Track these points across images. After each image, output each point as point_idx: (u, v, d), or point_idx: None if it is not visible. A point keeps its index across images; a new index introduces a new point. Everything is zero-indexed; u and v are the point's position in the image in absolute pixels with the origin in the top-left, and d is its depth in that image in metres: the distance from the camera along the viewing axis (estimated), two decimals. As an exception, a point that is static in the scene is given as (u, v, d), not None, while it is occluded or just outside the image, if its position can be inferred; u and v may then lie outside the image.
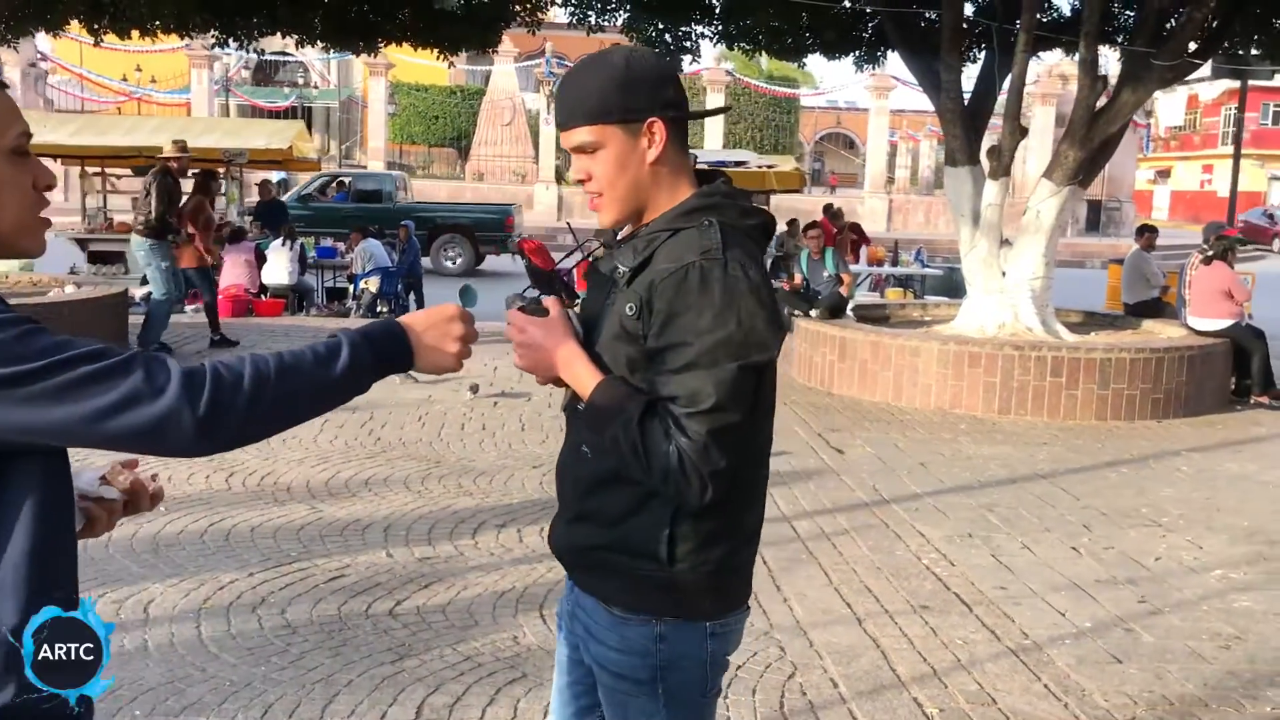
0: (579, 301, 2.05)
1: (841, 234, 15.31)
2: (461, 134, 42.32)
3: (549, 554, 5.20)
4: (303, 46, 12.62)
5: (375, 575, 4.95)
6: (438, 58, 12.87)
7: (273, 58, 40.56)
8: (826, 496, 6.53)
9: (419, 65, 32.26)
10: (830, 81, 59.26)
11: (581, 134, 1.91)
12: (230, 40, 11.24)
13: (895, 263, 16.60)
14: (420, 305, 15.37)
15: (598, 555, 1.97)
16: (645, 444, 1.81)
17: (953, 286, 14.61)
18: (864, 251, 16.11)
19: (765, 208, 2.15)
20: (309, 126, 44.40)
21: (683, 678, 1.98)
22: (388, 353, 1.62)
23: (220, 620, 4.40)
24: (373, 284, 14.05)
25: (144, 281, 14.49)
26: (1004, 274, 9.99)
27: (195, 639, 4.23)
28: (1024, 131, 10.03)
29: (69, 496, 1.53)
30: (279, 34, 12.17)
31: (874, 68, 13.61)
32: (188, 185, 11.02)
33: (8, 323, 1.36)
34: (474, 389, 8.86)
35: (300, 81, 47.41)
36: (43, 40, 31.45)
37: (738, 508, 1.98)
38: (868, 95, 38.46)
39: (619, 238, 2.05)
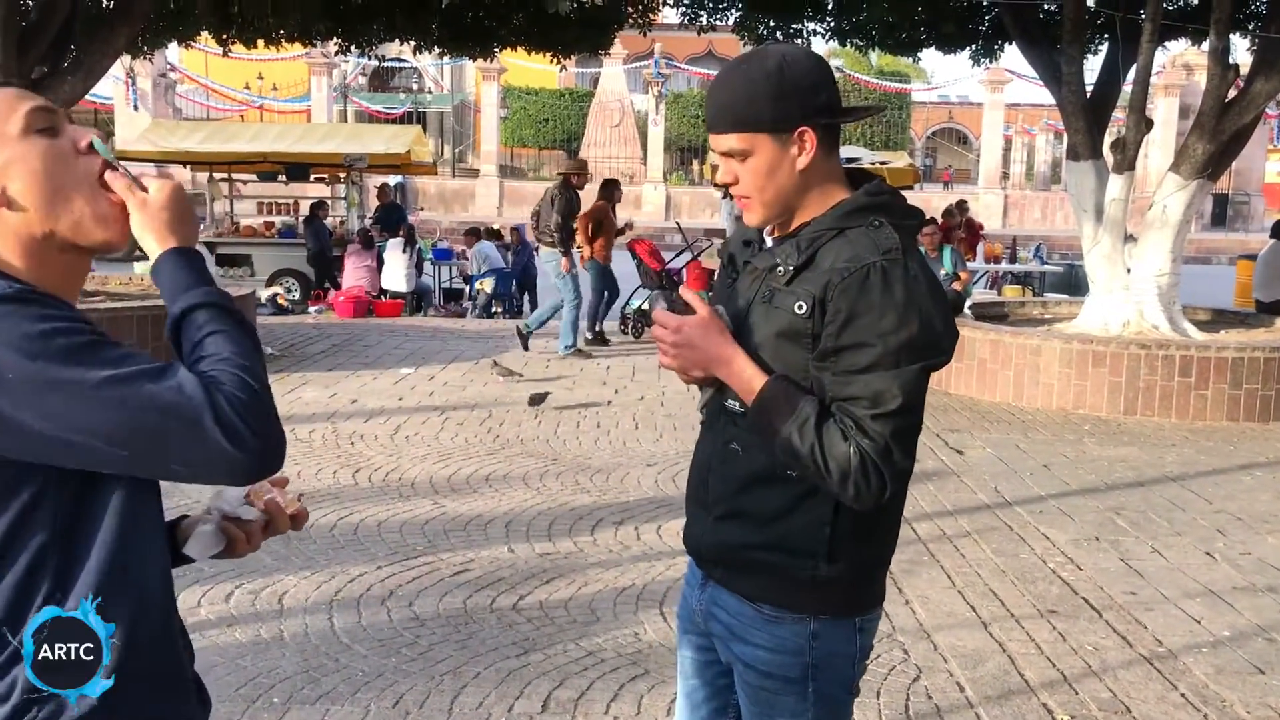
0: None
1: (955, 231, 15.02)
2: (571, 136, 42.68)
3: (667, 551, 5.27)
4: (420, 52, 12.89)
5: (498, 570, 5.04)
6: (551, 61, 13.02)
7: (389, 64, 41.49)
8: (947, 498, 6.43)
9: (530, 69, 32.67)
10: (942, 76, 58.16)
11: (730, 140, 1.91)
12: (352, 47, 11.56)
13: (1013, 260, 16.24)
14: (534, 306, 15.57)
15: (750, 554, 1.95)
16: (823, 444, 1.79)
17: (1073, 284, 14.25)
18: (980, 248, 15.79)
19: (918, 207, 2.13)
20: (424, 131, 45.39)
21: (832, 675, 1.97)
22: (198, 271, 1.51)
23: (351, 612, 4.53)
24: (488, 285, 14.30)
25: (269, 284, 15.02)
26: (1129, 271, 9.70)
27: (328, 630, 4.36)
28: (1149, 124, 9.73)
29: (154, 524, 1.48)
30: (397, 40, 12.44)
31: (991, 61, 13.34)
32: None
33: (72, 330, 1.32)
34: (535, 399, 8.49)
35: (415, 87, 48.36)
36: (172, 52, 32.69)
37: (892, 503, 1.98)
38: (981, 89, 37.68)
39: (774, 235, 2.03)
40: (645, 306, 12.29)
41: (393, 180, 24.86)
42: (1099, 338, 9.19)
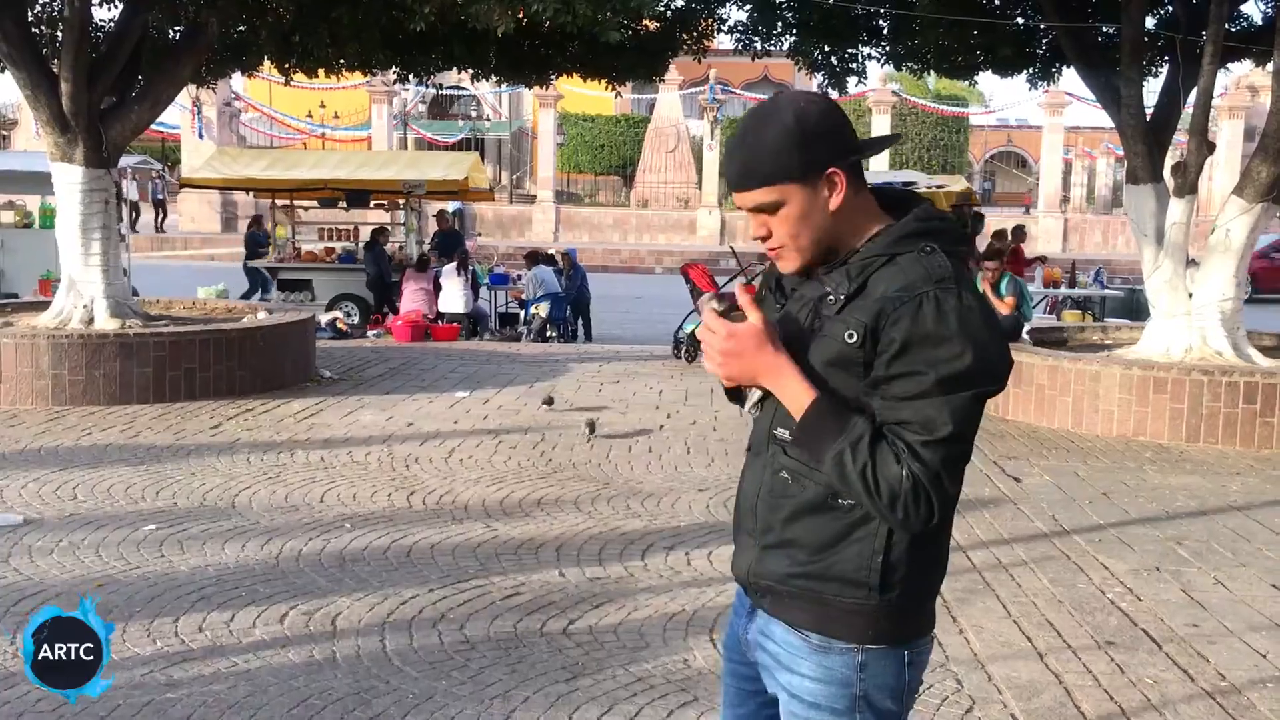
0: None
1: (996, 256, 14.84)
2: (627, 161, 42.92)
3: (718, 577, 5.25)
4: (478, 81, 13.06)
5: (549, 594, 5.05)
6: (606, 88, 13.11)
7: (448, 92, 42.02)
8: (1004, 526, 6.34)
9: (586, 95, 32.90)
10: (1001, 99, 57.60)
11: (759, 195, 1.90)
12: (410, 76, 11.74)
13: (1073, 284, 16.02)
14: (588, 329, 15.64)
15: (800, 583, 1.94)
16: (876, 464, 1.79)
17: (1134, 308, 14.04)
18: (1039, 273, 15.60)
19: (967, 233, 2.12)
20: (483, 158, 45.87)
21: (881, 707, 1.96)
22: None
23: (403, 634, 4.56)
24: (543, 309, 14.39)
25: (329, 308, 15.25)
26: (1191, 295, 9.53)
27: (380, 652, 4.39)
28: (1211, 147, 9.57)
29: None
30: (455, 69, 12.61)
31: (1048, 84, 13.21)
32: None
33: None
34: (591, 426, 8.41)
35: (473, 115, 48.93)
36: (236, 81, 33.38)
37: (941, 532, 1.97)
38: (1040, 112, 37.32)
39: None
40: (699, 305, 12.29)
41: (451, 206, 25.14)
42: (1160, 363, 9.03)
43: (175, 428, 8.30)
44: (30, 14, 10.40)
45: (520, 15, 8.24)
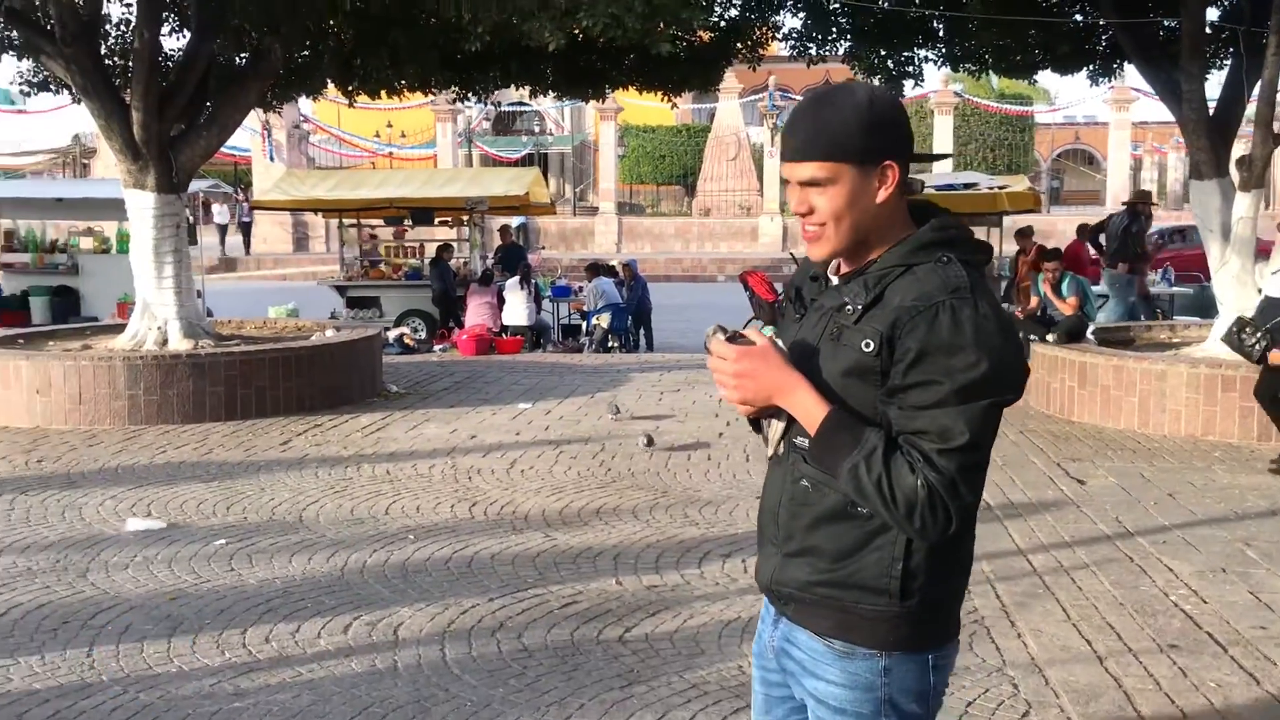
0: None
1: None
2: (688, 171, 42.96)
3: (774, 585, 5.24)
4: (536, 97, 13.22)
5: (606, 602, 5.11)
6: (662, 99, 13.20)
7: (511, 109, 42.44)
8: (1065, 529, 6.28)
9: (646, 107, 33.02)
10: (1067, 96, 56.72)
11: (813, 168, 1.92)
12: (469, 95, 11.93)
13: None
14: (650, 339, 15.73)
15: (822, 590, 1.96)
16: (891, 475, 1.81)
17: (1204, 306, 13.75)
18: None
19: (986, 240, 2.14)
20: (545, 172, 46.17)
21: (906, 710, 1.98)
22: None
23: (463, 643, 4.65)
24: (604, 320, 14.49)
25: (397, 324, 15.51)
26: (1260, 291, 9.32)
27: (440, 660, 4.49)
28: (1278, 140, 9.37)
29: None
30: (513, 86, 12.78)
31: (1110, 81, 13.03)
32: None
33: None
34: (649, 441, 8.36)
35: (536, 130, 49.34)
36: (305, 104, 34.08)
37: (962, 540, 1.98)
38: (1107, 108, 36.69)
39: (840, 273, 2.04)
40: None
41: (515, 221, 25.41)
42: (1229, 361, 8.85)
43: (246, 444, 8.52)
44: (103, 46, 10.76)
45: (573, 31, 8.33)
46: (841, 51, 12.82)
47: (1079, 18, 11.62)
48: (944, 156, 3.53)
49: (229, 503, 6.82)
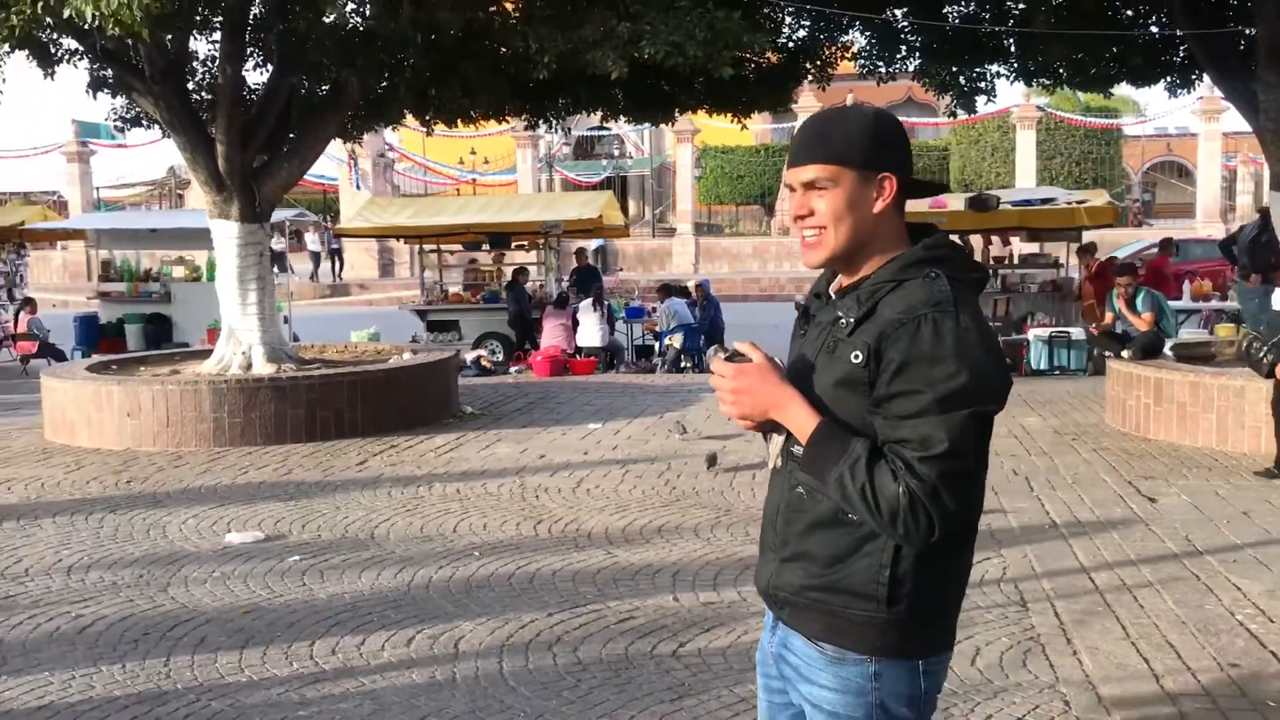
0: None
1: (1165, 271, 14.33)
2: (766, 191, 42.97)
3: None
4: (607, 122, 13.41)
5: (662, 618, 5.19)
6: (731, 121, 13.30)
7: (590, 133, 42.89)
8: (1131, 547, 6.19)
9: (725, 128, 33.14)
10: (1157, 107, 55.38)
11: (816, 170, 2.03)
12: (540, 122, 12.17)
13: (1225, 296, 15.36)
14: (724, 360, 15.76)
15: (813, 595, 2.04)
16: (874, 484, 1.89)
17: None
18: (1186, 287, 15.03)
19: (981, 262, 2.20)
20: (625, 195, 46.52)
21: (898, 714, 2.04)
22: None
23: (520, 656, 4.77)
24: (676, 340, 14.60)
25: (474, 346, 15.80)
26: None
27: (497, 673, 4.61)
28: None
29: None
30: (585, 112, 12.99)
31: (1188, 91, 12.80)
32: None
33: None
34: (711, 460, 8.27)
35: (616, 153, 49.78)
36: (390, 133, 34.87)
37: (955, 550, 2.04)
38: (1196, 120, 35.85)
39: (835, 289, 2.15)
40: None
41: (594, 244, 25.65)
42: (1312, 376, 8.62)
43: (324, 465, 8.78)
44: (190, 82, 11.22)
45: (636, 58, 8.48)
46: (911, 69, 12.79)
47: (1154, 29, 11.45)
48: (944, 188, 3.55)
49: (305, 521, 7.05)
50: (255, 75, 12.08)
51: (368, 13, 10.08)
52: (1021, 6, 11.36)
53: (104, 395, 9.71)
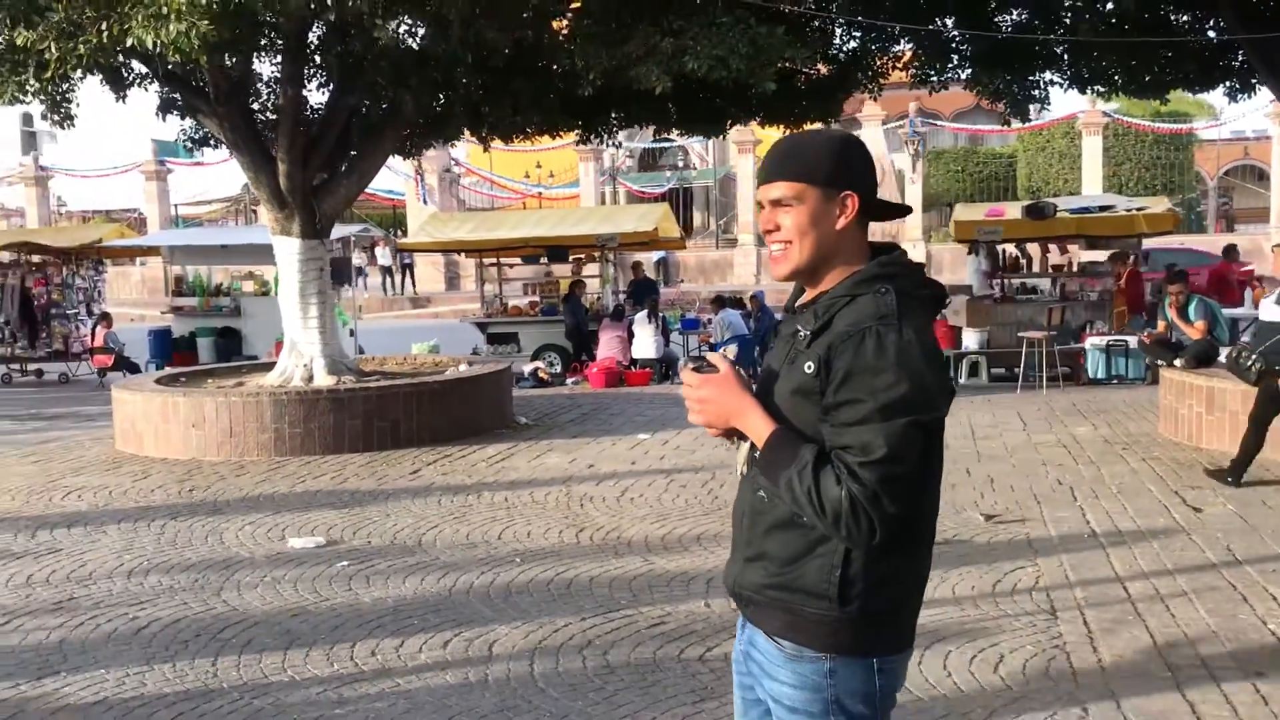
0: None
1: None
2: (834, 200, 42.85)
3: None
4: (660, 135, 13.56)
5: (692, 624, 5.30)
6: (783, 132, 13.36)
7: (652, 145, 43.08)
8: (1169, 557, 6.17)
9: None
10: (1232, 110, 54.16)
11: (783, 187, 2.17)
12: (592, 137, 12.37)
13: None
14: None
15: (772, 593, 2.15)
16: (819, 488, 2.00)
17: None
18: (1249, 295, 14.76)
19: (938, 280, 2.30)
20: (690, 207, 46.65)
21: (854, 711, 2.14)
22: None
23: (551, 659, 4.91)
24: (731, 351, 14.61)
25: (533, 359, 16.03)
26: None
27: (527, 674, 4.76)
28: None
29: None
30: (638, 126, 13.16)
31: (1249, 96, 12.60)
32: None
33: None
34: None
35: (680, 165, 49.93)
36: (456, 149, 35.44)
37: (906, 555, 2.14)
38: (1269, 123, 35.02)
39: (797, 304, 2.28)
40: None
41: (655, 255, 25.83)
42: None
43: (379, 474, 9.02)
44: (256, 103, 11.60)
45: (679, 73, 8.62)
46: (963, 78, 12.77)
47: (1211, 34, 11.32)
48: (907, 210, 3.58)
49: (356, 528, 7.28)
50: (317, 95, 12.45)
51: (420, 34, 10.36)
52: (1072, 14, 11.29)
53: (170, 407, 10.07)
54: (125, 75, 10.80)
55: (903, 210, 2.51)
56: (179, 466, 9.53)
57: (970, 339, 14.31)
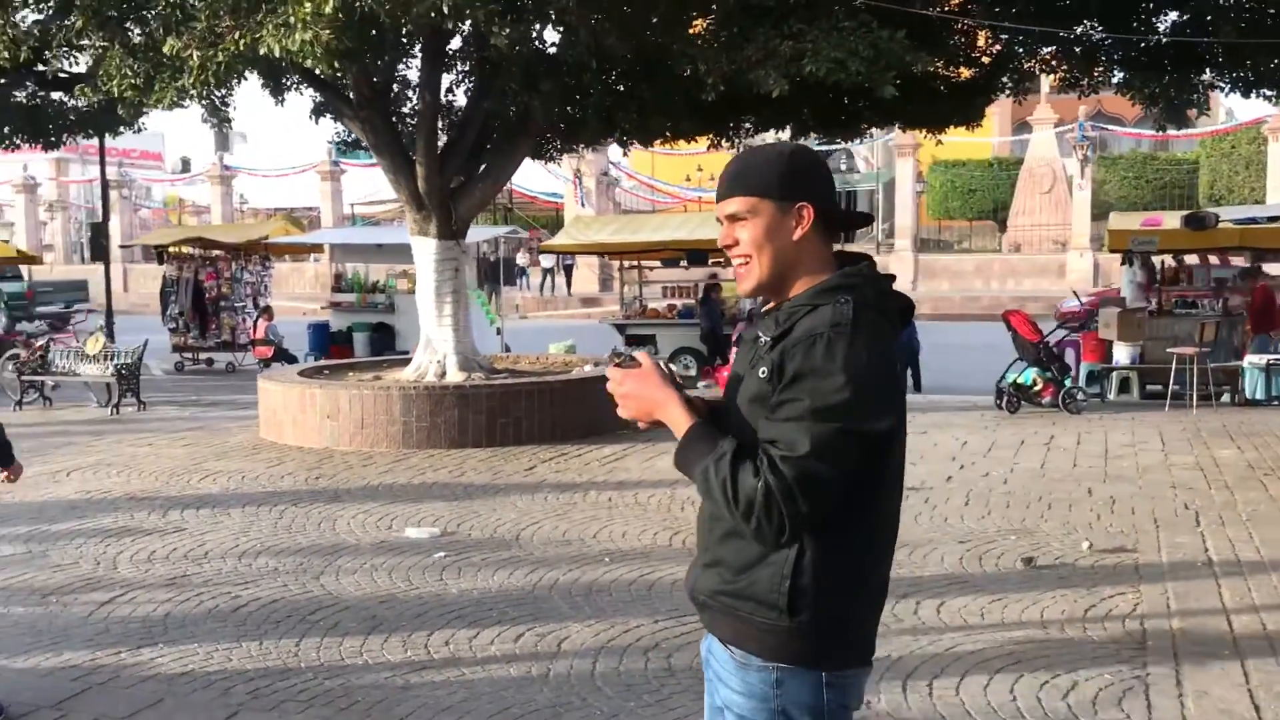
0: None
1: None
2: (999, 205, 41.55)
3: (938, 628, 5.28)
4: (797, 138, 13.46)
5: (762, 632, 5.27)
6: (924, 136, 13.10)
7: (820, 147, 42.68)
8: (1287, 591, 5.81)
9: (959, 142, 32.35)
10: None
11: (737, 202, 2.19)
12: (721, 141, 12.37)
13: None
14: (917, 379, 15.44)
15: (724, 600, 2.15)
16: (734, 478, 2.01)
17: None
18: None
19: (904, 292, 2.26)
20: (854, 210, 45.91)
21: None
22: None
23: (614, 658, 4.97)
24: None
25: (669, 361, 16.10)
26: None
27: (588, 672, 4.82)
28: None
29: None
30: (773, 130, 13.10)
31: None
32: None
33: None
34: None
35: (844, 168, 49.32)
36: (614, 152, 35.93)
37: (861, 566, 2.11)
38: None
39: (761, 311, 2.29)
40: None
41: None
42: None
43: (495, 469, 9.26)
44: (405, 106, 12.04)
45: (798, 76, 8.56)
46: (1115, 81, 12.25)
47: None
48: (869, 219, 3.49)
49: (460, 520, 7.49)
50: (460, 100, 12.83)
51: (551, 41, 10.57)
52: (1233, 13, 10.70)
53: (308, 398, 10.55)
54: (284, 81, 11.35)
55: (864, 219, 2.48)
56: (312, 455, 9.97)
57: (1121, 353, 13.70)
